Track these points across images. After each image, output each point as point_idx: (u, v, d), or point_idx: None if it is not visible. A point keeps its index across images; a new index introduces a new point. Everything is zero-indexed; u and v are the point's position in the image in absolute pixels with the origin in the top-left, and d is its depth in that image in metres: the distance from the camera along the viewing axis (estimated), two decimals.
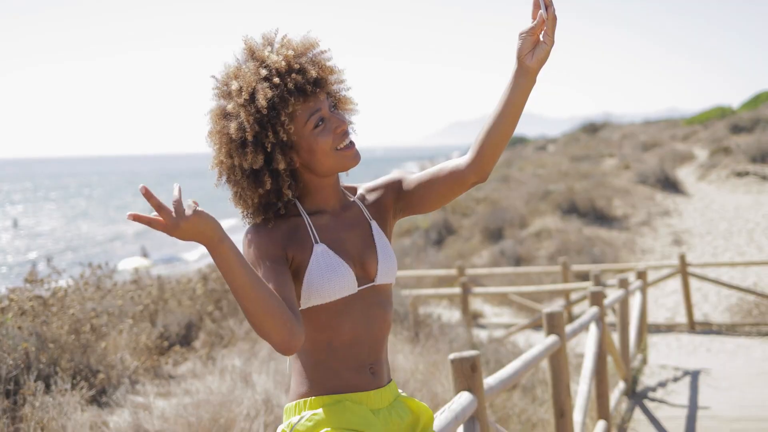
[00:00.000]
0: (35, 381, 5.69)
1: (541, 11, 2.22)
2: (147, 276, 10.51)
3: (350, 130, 2.38)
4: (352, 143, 2.35)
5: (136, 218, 1.90)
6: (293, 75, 2.27)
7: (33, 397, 5.41)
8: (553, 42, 2.24)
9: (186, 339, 8.54)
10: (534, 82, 2.30)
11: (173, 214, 1.93)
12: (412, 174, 2.52)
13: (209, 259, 25.36)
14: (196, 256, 41.64)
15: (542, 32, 2.25)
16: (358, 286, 2.34)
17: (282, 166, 2.27)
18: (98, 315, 7.15)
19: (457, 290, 14.99)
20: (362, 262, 2.38)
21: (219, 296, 9.20)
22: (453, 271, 16.60)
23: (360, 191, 2.54)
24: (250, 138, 2.24)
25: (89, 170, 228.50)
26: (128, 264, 27.53)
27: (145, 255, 37.72)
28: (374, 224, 2.45)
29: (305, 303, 2.30)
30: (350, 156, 2.34)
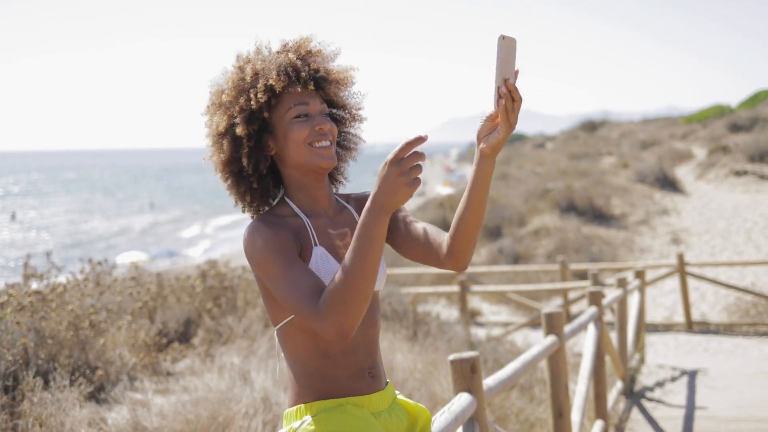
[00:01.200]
0: (34, 377, 5.69)
1: (494, 103, 2.14)
2: (146, 272, 10.50)
3: (330, 137, 2.34)
4: (329, 145, 2.33)
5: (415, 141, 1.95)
6: (290, 55, 2.31)
7: (31, 393, 5.40)
8: (508, 130, 2.15)
9: (184, 336, 8.54)
10: (492, 165, 2.23)
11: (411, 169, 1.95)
12: (402, 211, 2.48)
13: (209, 255, 25.34)
14: (198, 252, 41.66)
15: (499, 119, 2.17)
16: None
17: (240, 132, 2.28)
18: (97, 311, 7.14)
19: (455, 288, 15.01)
20: None
21: (218, 293, 9.20)
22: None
23: (353, 199, 2.54)
24: (225, 100, 2.31)
25: (87, 164, 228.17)
26: (126, 258, 27.54)
27: (129, 250, 37.81)
28: None
29: None
30: (322, 155, 2.31)
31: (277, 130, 2.32)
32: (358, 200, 2.53)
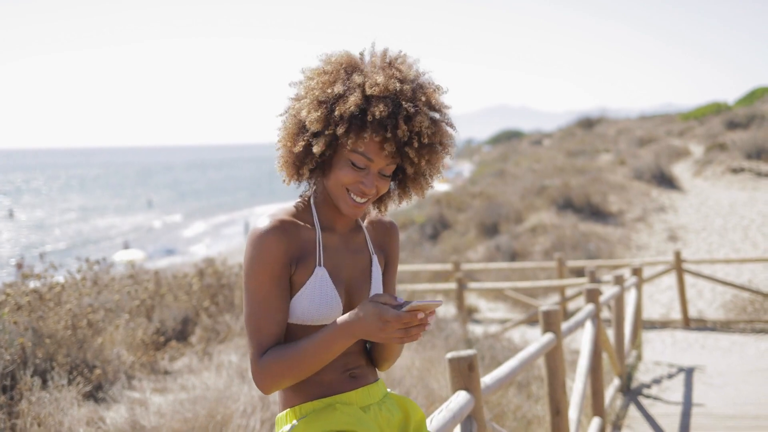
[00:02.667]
0: (32, 376, 5.69)
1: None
2: (143, 270, 10.50)
3: (372, 195, 2.31)
4: (363, 203, 2.31)
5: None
6: (401, 125, 2.21)
7: (29, 393, 5.41)
8: None
9: (182, 334, 8.55)
10: None
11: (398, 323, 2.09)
12: (392, 275, 2.55)
13: (208, 253, 25.30)
14: (202, 249, 41.61)
15: None
16: (342, 314, 2.33)
17: (317, 150, 2.24)
18: (95, 310, 7.15)
19: (452, 285, 15.02)
20: (352, 292, 2.38)
21: (215, 291, 9.20)
22: (448, 266, 16.63)
23: (368, 219, 2.53)
24: (324, 101, 2.24)
25: (83, 162, 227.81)
26: (123, 256, 27.55)
27: (126, 247, 37.87)
28: (375, 259, 2.46)
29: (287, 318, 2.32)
30: (351, 206, 2.31)
31: (337, 151, 2.28)
32: (374, 226, 2.53)
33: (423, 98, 2.26)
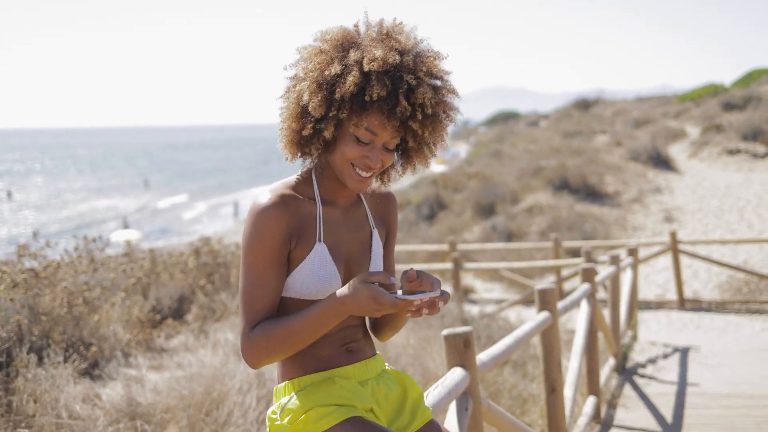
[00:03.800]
0: (28, 353, 5.70)
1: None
2: (139, 249, 10.50)
3: (377, 169, 2.30)
4: (368, 176, 2.30)
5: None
6: (402, 102, 2.18)
7: (26, 370, 5.41)
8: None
9: (178, 312, 8.56)
10: (405, 317, 2.42)
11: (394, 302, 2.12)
12: (391, 248, 2.56)
13: (203, 232, 25.33)
14: (200, 229, 41.61)
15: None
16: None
17: (328, 135, 2.22)
18: (91, 288, 7.15)
19: (448, 265, 15.03)
20: (352, 267, 2.38)
21: (211, 270, 9.21)
22: (444, 247, 16.64)
23: (368, 193, 2.51)
24: (326, 88, 2.19)
25: (76, 142, 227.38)
26: (120, 236, 27.54)
27: (126, 227, 37.85)
28: (376, 233, 2.45)
29: (284, 292, 2.30)
30: (355, 180, 2.29)
31: (341, 128, 2.25)
32: (373, 197, 2.51)
33: (424, 68, 2.23)
